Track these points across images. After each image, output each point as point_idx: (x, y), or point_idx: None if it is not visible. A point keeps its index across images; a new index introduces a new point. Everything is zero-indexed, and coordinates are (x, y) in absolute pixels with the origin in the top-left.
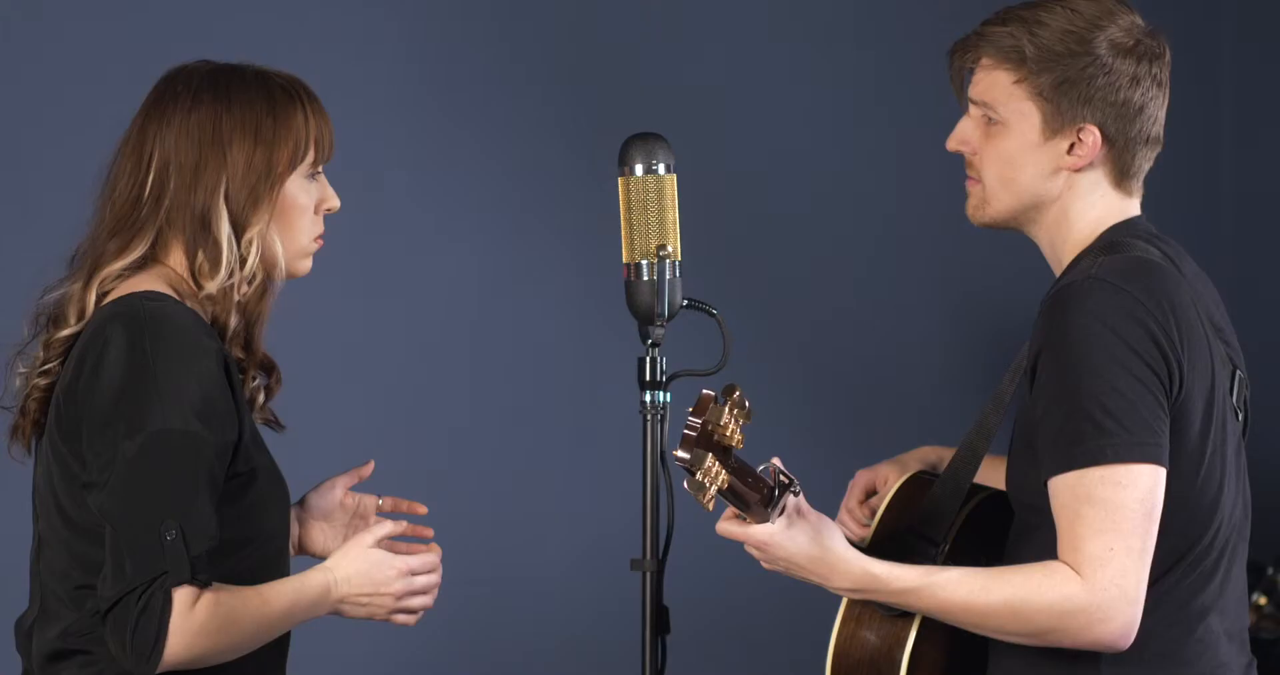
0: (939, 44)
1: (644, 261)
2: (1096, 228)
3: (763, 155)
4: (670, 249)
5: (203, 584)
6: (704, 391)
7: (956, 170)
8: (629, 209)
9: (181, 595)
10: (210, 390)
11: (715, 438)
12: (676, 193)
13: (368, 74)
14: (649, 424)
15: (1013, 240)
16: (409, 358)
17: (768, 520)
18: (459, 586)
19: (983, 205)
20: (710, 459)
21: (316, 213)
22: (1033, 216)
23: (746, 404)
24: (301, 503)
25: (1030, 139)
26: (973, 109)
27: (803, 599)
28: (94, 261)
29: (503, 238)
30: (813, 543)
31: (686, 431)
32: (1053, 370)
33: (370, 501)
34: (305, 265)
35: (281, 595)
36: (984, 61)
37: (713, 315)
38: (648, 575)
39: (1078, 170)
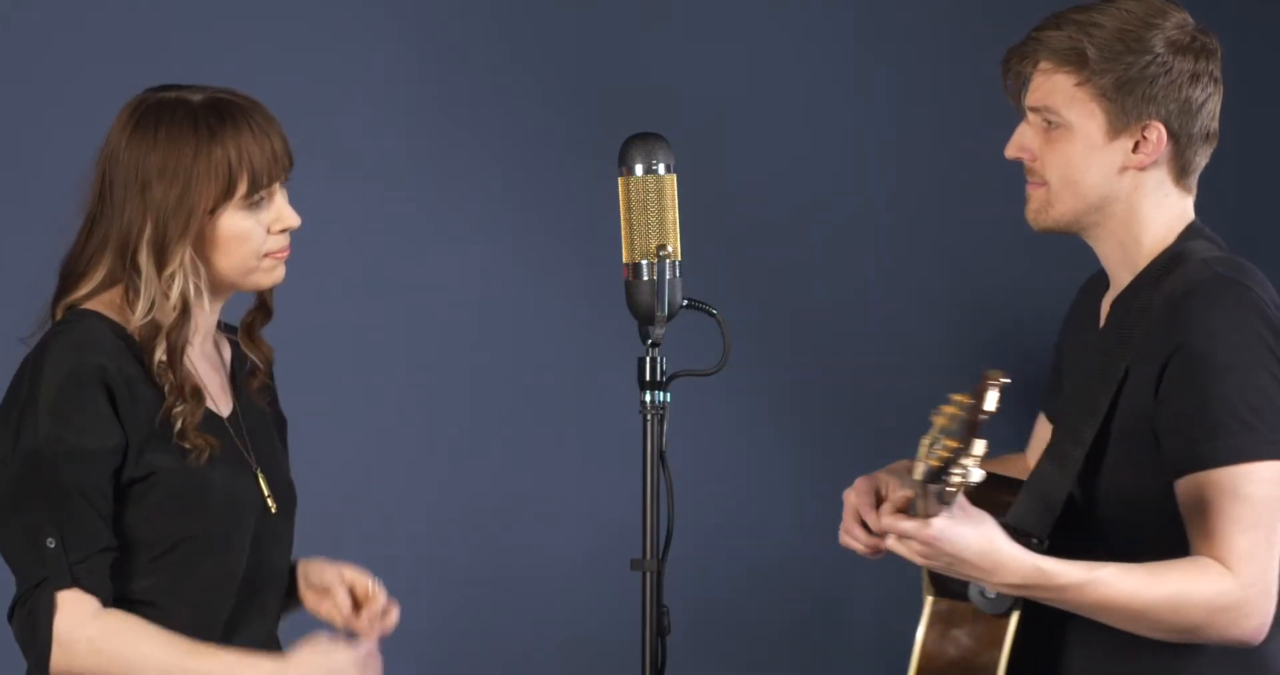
0: (940, 44)
1: (644, 261)
2: (1173, 227)
3: (763, 155)
4: (670, 249)
5: (89, 589)
6: (989, 372)
7: (957, 171)
8: (629, 209)
9: (67, 600)
10: (82, 401)
11: (976, 424)
12: (676, 193)
13: (368, 74)
14: (649, 424)
15: (1015, 242)
16: (409, 357)
17: (937, 514)
18: (459, 586)
19: (1046, 208)
20: (984, 447)
21: (271, 233)
22: (1096, 219)
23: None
24: (303, 567)
25: (1095, 140)
26: (1031, 116)
27: (802, 599)
28: (60, 285)
29: (503, 238)
30: (980, 537)
31: (982, 417)
32: (1190, 369)
33: (362, 583)
34: (266, 278)
35: (220, 660)
36: (1042, 66)
37: (713, 315)
38: (648, 575)
39: (1143, 169)
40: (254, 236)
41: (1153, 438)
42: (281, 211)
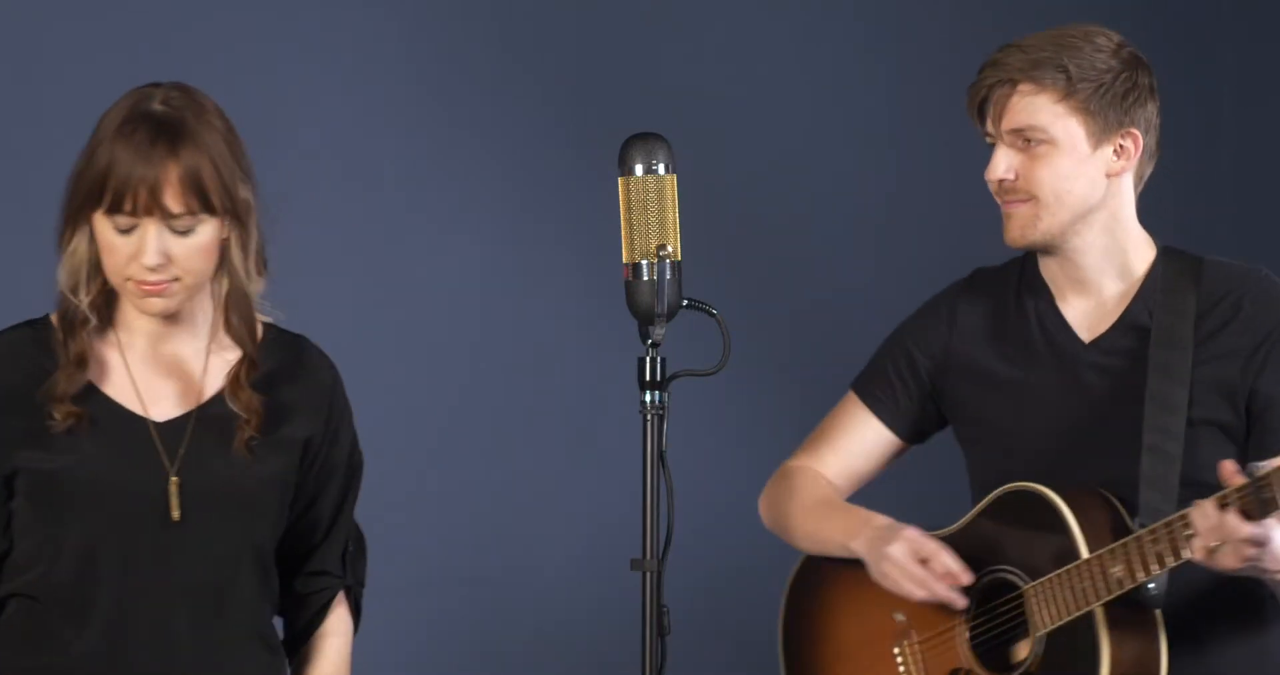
0: (939, 45)
1: (644, 261)
2: (1144, 233)
3: (763, 155)
4: (670, 249)
5: None
6: None
7: (957, 171)
8: (629, 209)
9: None
10: None
11: None
12: (676, 193)
13: (368, 74)
14: (649, 424)
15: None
16: (409, 357)
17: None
18: (459, 586)
19: (1034, 222)
20: None
21: (133, 261)
22: (1079, 229)
23: None
24: None
25: (1081, 151)
26: (1008, 138)
27: None
28: None
29: (503, 238)
30: None
31: None
32: None
33: None
34: (136, 302)
35: None
36: (1022, 88)
37: (713, 315)
38: (648, 575)
39: (1120, 175)
40: (115, 253)
41: (1241, 419)
42: (142, 245)
